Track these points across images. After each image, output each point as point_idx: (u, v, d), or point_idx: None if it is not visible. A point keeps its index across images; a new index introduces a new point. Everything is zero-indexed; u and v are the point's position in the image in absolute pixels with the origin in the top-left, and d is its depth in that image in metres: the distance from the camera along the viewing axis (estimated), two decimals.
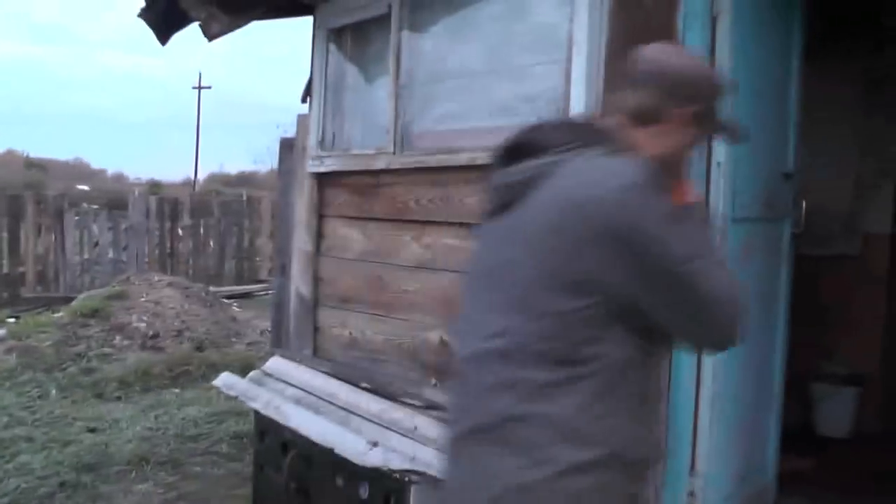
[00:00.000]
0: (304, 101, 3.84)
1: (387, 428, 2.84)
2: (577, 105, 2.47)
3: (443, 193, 3.04)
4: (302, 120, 3.87)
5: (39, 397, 5.90)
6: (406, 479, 2.58)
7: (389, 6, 3.29)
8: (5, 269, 11.29)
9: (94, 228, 12.49)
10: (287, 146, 4.26)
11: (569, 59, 2.52)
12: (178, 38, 3.89)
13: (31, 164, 38.55)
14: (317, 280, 3.67)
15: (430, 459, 2.57)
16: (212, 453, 4.73)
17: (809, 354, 3.95)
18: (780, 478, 3.18)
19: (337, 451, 2.79)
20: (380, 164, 3.30)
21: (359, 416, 2.98)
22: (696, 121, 1.56)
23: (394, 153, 3.25)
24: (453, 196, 2.98)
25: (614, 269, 1.38)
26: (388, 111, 3.29)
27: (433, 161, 3.08)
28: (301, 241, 3.80)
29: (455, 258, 2.94)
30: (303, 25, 3.86)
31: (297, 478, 3.15)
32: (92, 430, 5.14)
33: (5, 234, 11.35)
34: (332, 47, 3.70)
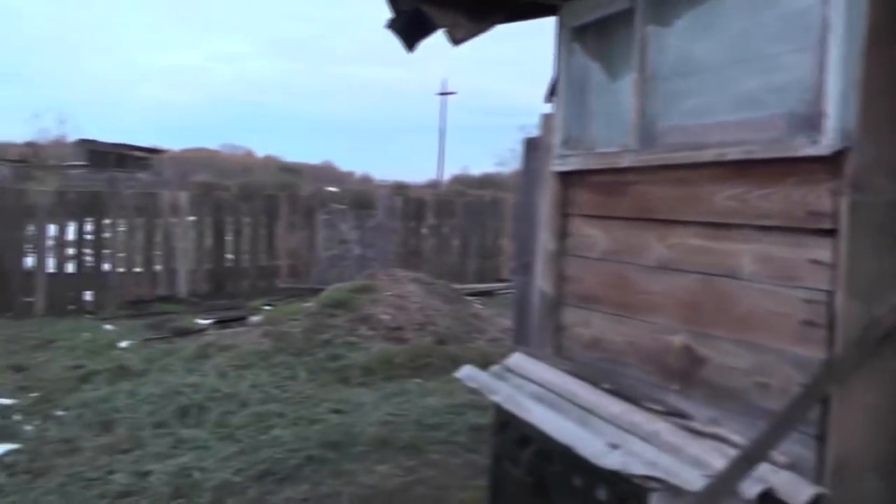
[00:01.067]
0: (547, 100, 3.86)
1: (626, 431, 2.79)
2: (833, 95, 2.27)
3: (689, 192, 2.92)
4: (546, 119, 3.89)
5: (290, 378, 6.41)
6: (646, 484, 2.52)
7: (633, 0, 3.23)
8: (263, 262, 12.39)
9: (342, 226, 13.37)
10: (530, 146, 4.31)
11: (822, 46, 2.32)
12: (421, 47, 4.03)
13: (286, 168, 42.04)
14: (560, 279, 3.67)
15: (670, 466, 2.49)
16: (450, 442, 4.89)
17: None
18: None
19: (576, 449, 2.78)
20: (624, 162, 3.24)
21: (598, 416, 2.95)
22: None
23: (638, 151, 3.18)
24: (700, 194, 2.86)
25: None
26: (632, 108, 3.22)
27: (678, 158, 2.97)
28: (545, 240, 3.81)
29: (701, 259, 2.83)
30: (534, 27, 3.86)
31: (534, 473, 3.18)
32: (337, 412, 5.50)
33: (263, 231, 12.47)
34: (576, 46, 3.69)
